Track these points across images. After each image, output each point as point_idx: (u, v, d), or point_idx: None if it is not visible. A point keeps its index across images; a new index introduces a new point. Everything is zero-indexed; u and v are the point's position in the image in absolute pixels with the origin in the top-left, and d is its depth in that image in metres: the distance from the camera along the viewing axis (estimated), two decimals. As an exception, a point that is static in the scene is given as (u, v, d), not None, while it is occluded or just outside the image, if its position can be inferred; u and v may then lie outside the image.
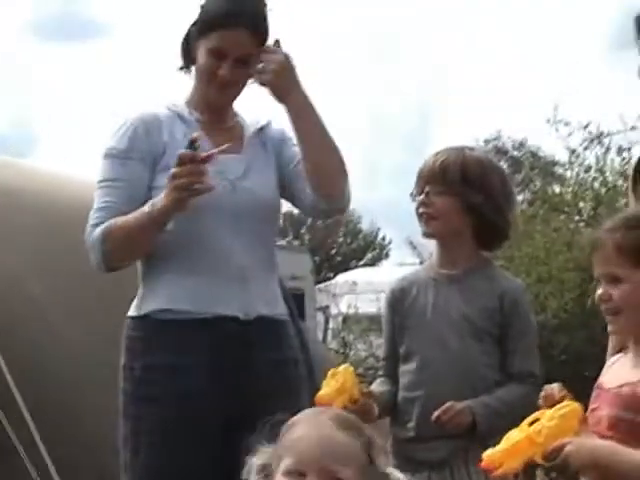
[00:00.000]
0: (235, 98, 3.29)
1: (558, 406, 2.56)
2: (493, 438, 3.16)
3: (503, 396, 3.45)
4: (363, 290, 11.45)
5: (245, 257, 3.20)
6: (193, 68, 3.27)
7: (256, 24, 3.12)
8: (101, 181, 3.21)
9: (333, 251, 26.21)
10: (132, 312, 3.26)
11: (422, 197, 3.53)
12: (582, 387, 3.11)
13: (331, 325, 11.74)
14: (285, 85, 3.20)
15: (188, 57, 3.26)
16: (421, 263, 3.84)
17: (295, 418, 2.24)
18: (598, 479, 2.58)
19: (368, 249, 24.90)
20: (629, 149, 8.73)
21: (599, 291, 2.65)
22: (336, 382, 3.08)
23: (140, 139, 3.20)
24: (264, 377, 3.20)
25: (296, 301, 6.26)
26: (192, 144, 2.97)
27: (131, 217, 3.14)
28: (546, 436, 2.50)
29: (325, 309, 11.97)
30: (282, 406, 2.40)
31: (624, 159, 8.80)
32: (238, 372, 3.14)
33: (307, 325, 7.83)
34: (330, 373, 3.12)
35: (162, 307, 3.18)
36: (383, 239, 27.90)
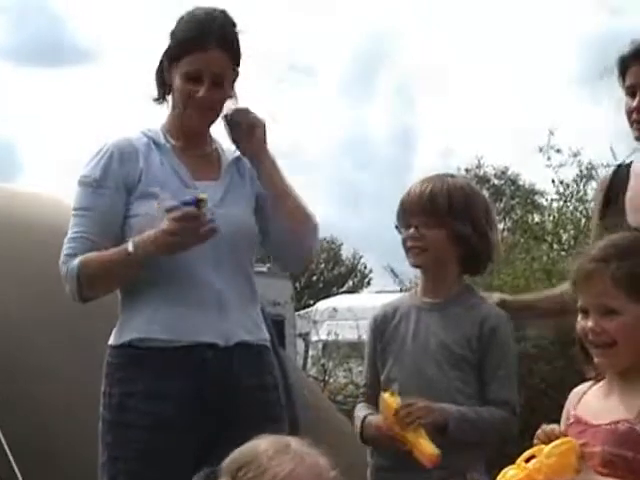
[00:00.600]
0: (213, 122, 3.29)
1: (555, 442, 2.55)
2: (463, 447, 3.38)
3: (480, 411, 3.46)
4: (343, 317, 11.41)
5: (224, 285, 3.21)
6: (169, 97, 3.28)
7: (227, 43, 3.14)
8: (75, 209, 3.22)
9: (314, 277, 26.40)
10: (112, 340, 3.26)
11: (411, 231, 3.53)
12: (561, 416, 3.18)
13: (311, 352, 11.67)
14: (256, 148, 3.26)
15: (163, 86, 3.28)
16: (401, 290, 3.86)
17: (260, 461, 2.22)
18: None
19: (349, 276, 25.29)
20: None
21: (589, 323, 2.59)
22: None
23: (114, 167, 3.21)
24: (244, 402, 3.20)
25: (276, 327, 6.22)
26: (198, 203, 3.00)
27: (111, 254, 3.16)
28: (546, 474, 2.50)
29: (305, 335, 11.90)
30: (261, 431, 2.40)
31: None
32: (218, 398, 3.14)
33: (287, 352, 7.78)
34: None
35: (140, 336, 3.19)
36: (365, 267, 28.36)
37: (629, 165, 3.77)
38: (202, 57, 3.19)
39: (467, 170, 12.62)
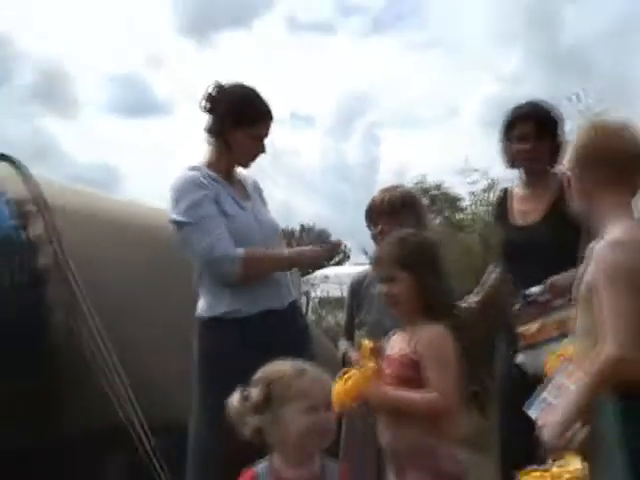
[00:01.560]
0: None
1: (362, 368, 3.04)
2: None
3: None
4: (332, 281, 13.53)
5: None
6: (214, 138, 3.68)
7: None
8: (198, 220, 3.50)
9: None
10: (204, 313, 3.64)
11: (379, 228, 4.09)
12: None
13: (310, 304, 14.03)
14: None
15: (220, 135, 3.65)
16: (370, 264, 4.58)
17: (287, 379, 2.54)
18: (388, 411, 3.05)
19: (336, 254, 29.11)
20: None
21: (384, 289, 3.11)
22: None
23: (206, 188, 3.58)
24: (299, 340, 3.66)
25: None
26: (335, 247, 3.91)
27: (272, 256, 3.72)
28: (351, 386, 2.97)
29: (307, 294, 14.11)
30: (309, 354, 3.35)
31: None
32: (284, 345, 3.19)
33: None
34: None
35: (229, 309, 3.58)
36: (346, 247, 31.36)
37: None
38: (269, 125, 3.71)
39: (416, 183, 15.09)
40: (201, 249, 3.50)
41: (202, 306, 3.66)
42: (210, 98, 3.69)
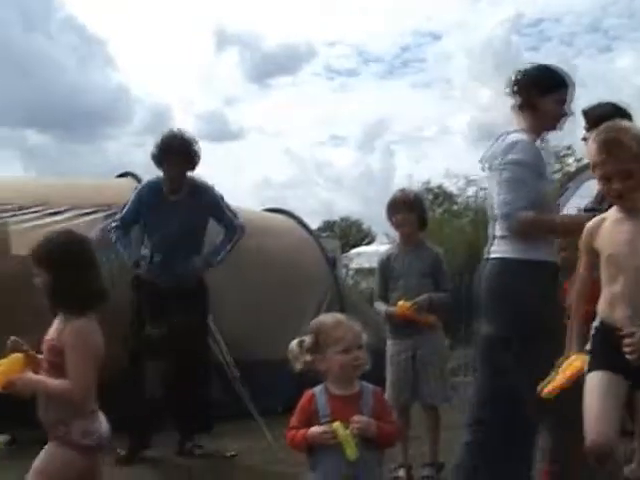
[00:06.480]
0: None
1: (10, 357, 2.87)
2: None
3: (439, 295, 4.94)
4: (363, 257, 16.34)
5: None
6: (523, 112, 3.69)
7: None
8: (518, 178, 3.41)
9: (350, 238, 34.50)
10: (518, 256, 3.43)
11: (399, 218, 4.86)
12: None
13: (350, 273, 15.77)
14: None
15: (529, 106, 3.63)
16: (392, 243, 5.25)
17: (328, 329, 2.75)
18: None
19: (366, 237, 34.78)
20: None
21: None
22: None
23: (540, 156, 3.53)
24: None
25: (332, 262, 8.76)
26: None
27: (559, 219, 3.61)
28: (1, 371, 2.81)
29: (346, 266, 16.01)
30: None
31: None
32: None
33: (338, 273, 9.46)
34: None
35: (546, 259, 3.49)
36: (372, 231, 36.31)
37: None
38: (568, 91, 3.70)
39: (423, 184, 19.71)
40: (504, 203, 3.38)
41: (507, 249, 3.46)
42: (515, 82, 3.67)
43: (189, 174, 5.40)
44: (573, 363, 2.84)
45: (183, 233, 5.35)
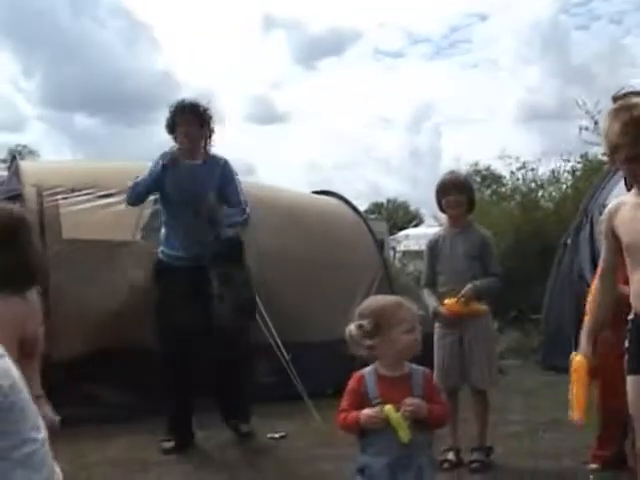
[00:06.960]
0: None
1: None
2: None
3: (487, 280, 4.86)
4: (411, 239, 16.70)
5: None
6: None
7: None
8: None
9: (398, 220, 34.57)
10: None
11: (451, 199, 4.84)
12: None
13: (397, 255, 16.12)
14: None
15: None
16: (440, 226, 5.23)
17: (390, 310, 2.74)
18: None
19: (415, 219, 34.83)
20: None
21: None
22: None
23: None
24: None
25: (380, 244, 8.84)
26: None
27: None
28: None
29: (394, 248, 16.57)
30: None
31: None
32: None
33: (386, 255, 9.52)
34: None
35: None
36: (420, 214, 36.82)
37: None
38: None
39: (471, 166, 20.29)
40: None
41: None
42: None
43: (206, 147, 5.35)
44: (573, 374, 2.89)
45: (197, 199, 5.28)
